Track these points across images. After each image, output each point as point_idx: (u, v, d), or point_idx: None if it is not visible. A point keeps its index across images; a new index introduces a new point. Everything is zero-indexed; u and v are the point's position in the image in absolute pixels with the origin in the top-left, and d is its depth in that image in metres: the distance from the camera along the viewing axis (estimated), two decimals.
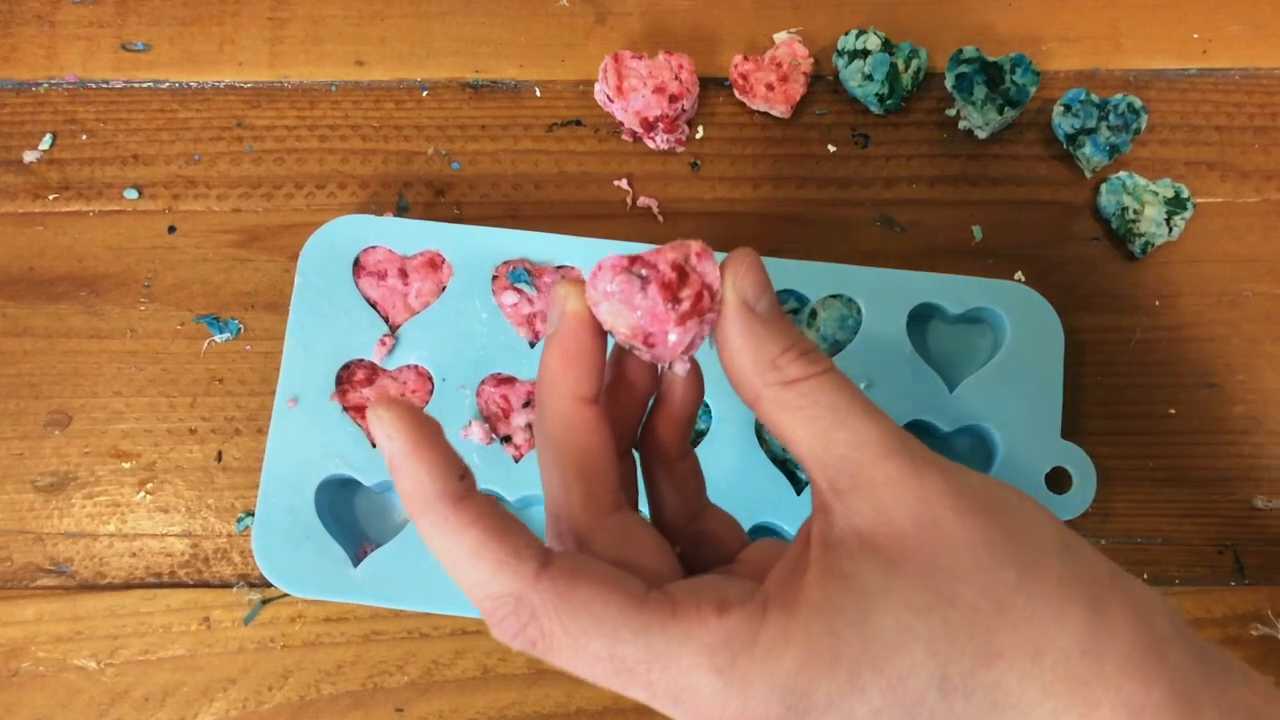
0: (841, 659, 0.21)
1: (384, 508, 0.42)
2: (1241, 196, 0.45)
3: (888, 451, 0.22)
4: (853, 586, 0.22)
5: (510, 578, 0.21)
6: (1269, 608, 0.41)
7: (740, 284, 0.24)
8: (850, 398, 0.23)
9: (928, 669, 0.21)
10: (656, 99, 0.43)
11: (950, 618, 0.21)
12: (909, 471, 0.22)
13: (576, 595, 0.21)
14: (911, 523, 0.22)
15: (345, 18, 0.47)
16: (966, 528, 0.22)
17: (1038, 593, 0.22)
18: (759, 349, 0.23)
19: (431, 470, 0.23)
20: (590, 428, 0.24)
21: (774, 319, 0.24)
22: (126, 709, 0.40)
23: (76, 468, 0.42)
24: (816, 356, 0.24)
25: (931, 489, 0.22)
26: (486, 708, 0.40)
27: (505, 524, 0.22)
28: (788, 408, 0.23)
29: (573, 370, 0.24)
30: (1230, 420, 0.43)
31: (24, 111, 0.46)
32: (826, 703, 0.21)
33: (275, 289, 0.44)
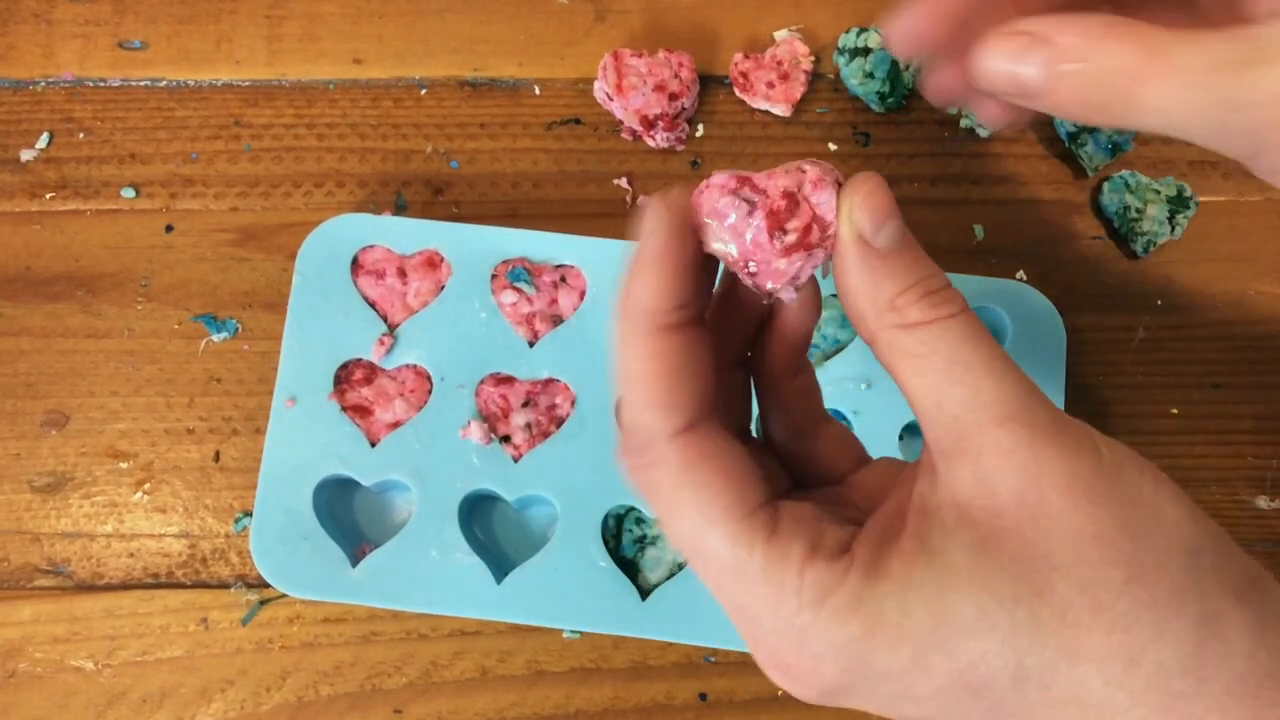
0: (907, 638, 0.20)
1: (382, 508, 0.41)
2: (1244, 195, 0.44)
3: (1003, 417, 0.20)
4: (936, 564, 0.20)
5: (652, 421, 0.22)
6: None
7: (856, 215, 0.21)
8: (974, 348, 0.21)
9: (1002, 658, 0.20)
10: (656, 97, 0.43)
11: (1038, 610, 0.20)
12: (1023, 442, 0.20)
13: (694, 474, 0.21)
14: (1015, 500, 0.20)
15: (343, 15, 0.47)
16: (1077, 514, 0.20)
17: (1144, 599, 0.20)
18: (875, 288, 0.21)
19: (658, 289, 0.22)
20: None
21: (895, 254, 0.21)
22: (124, 710, 0.40)
23: (74, 468, 0.42)
24: (943, 297, 0.21)
25: (1045, 465, 0.20)
26: (485, 709, 0.40)
27: (681, 370, 0.22)
28: (903, 354, 0.21)
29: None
30: (1233, 420, 0.42)
31: (21, 110, 0.45)
32: (885, 673, 0.21)
33: (273, 288, 0.44)
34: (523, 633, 0.41)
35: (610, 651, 0.41)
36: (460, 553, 0.39)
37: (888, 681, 0.21)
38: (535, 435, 0.40)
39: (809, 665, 0.21)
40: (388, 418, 0.41)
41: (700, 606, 0.38)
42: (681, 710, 0.40)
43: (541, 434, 0.40)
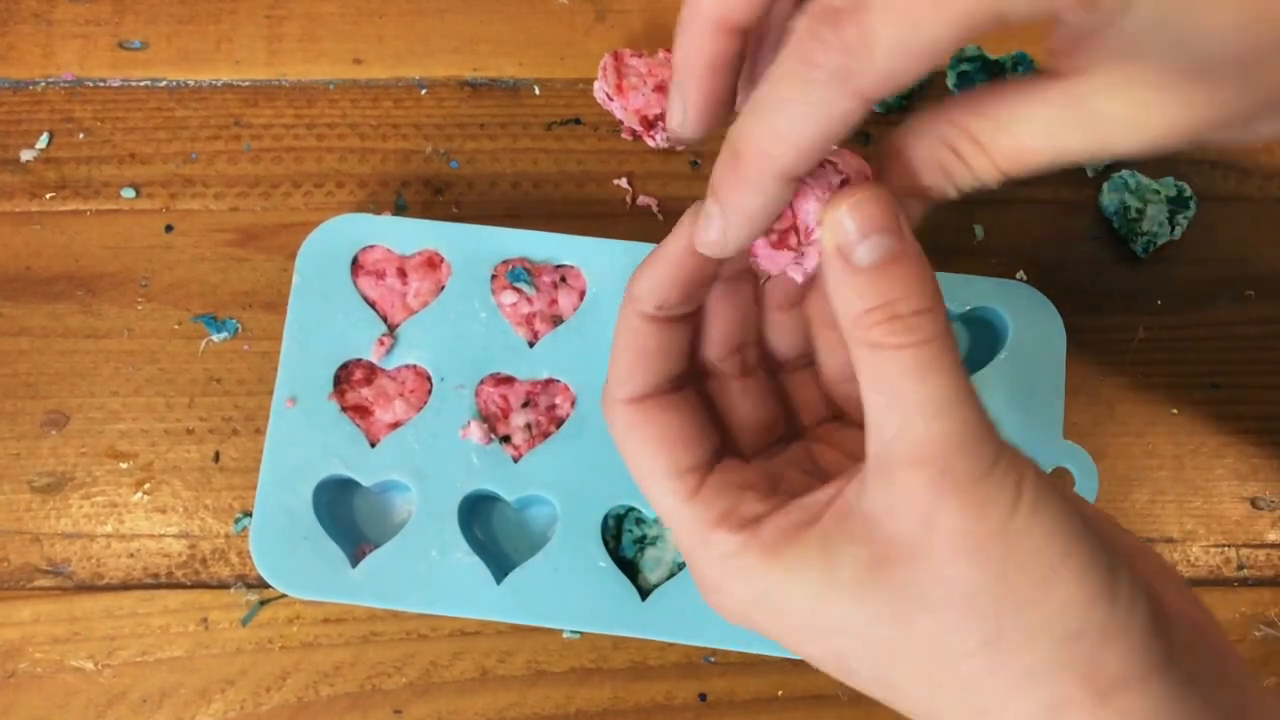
0: (784, 617, 0.23)
1: (383, 508, 0.41)
2: (1244, 195, 0.44)
3: (919, 459, 0.21)
4: (827, 567, 0.22)
5: (613, 385, 0.26)
6: (1272, 609, 0.41)
7: (837, 229, 0.22)
8: (918, 384, 0.21)
9: (865, 664, 0.23)
10: (656, 97, 0.43)
11: (899, 638, 0.22)
12: (929, 489, 0.21)
13: (635, 434, 0.25)
14: (909, 539, 0.21)
15: (343, 15, 0.47)
16: (956, 570, 0.21)
17: (993, 667, 0.21)
18: (845, 302, 0.22)
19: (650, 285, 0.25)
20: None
21: (873, 269, 0.21)
22: (124, 710, 0.40)
23: (74, 468, 0.42)
24: (906, 325, 0.21)
25: (942, 517, 0.21)
26: (485, 709, 0.40)
27: (645, 352, 0.25)
28: (862, 368, 0.22)
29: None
30: (1233, 420, 0.42)
31: (21, 110, 0.45)
32: (772, 632, 0.24)
33: (273, 288, 0.44)
34: (523, 633, 0.41)
35: (610, 651, 0.41)
36: (460, 553, 0.39)
37: (781, 637, 0.24)
38: (535, 435, 0.40)
39: (720, 601, 0.25)
40: (388, 418, 0.41)
41: (700, 606, 0.38)
42: (681, 710, 0.40)
43: (541, 434, 0.40)
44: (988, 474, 0.21)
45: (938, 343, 0.21)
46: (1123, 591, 0.21)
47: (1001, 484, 0.21)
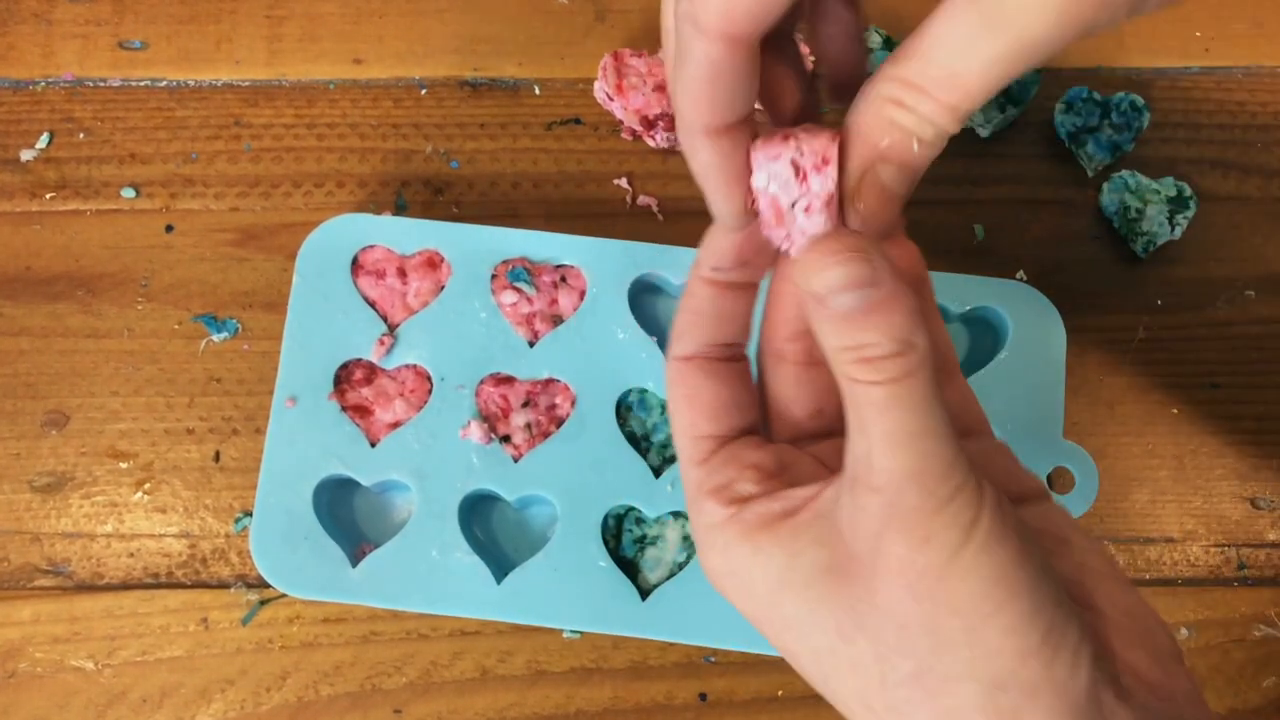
0: (748, 597, 0.24)
1: (382, 508, 0.41)
2: (1244, 195, 0.44)
3: (875, 487, 0.22)
4: (790, 563, 0.23)
5: (670, 342, 0.27)
6: (1271, 609, 0.41)
7: (813, 280, 0.22)
8: (880, 418, 0.21)
9: (810, 665, 0.24)
10: (656, 97, 0.43)
11: (838, 651, 0.23)
12: (878, 518, 0.22)
13: (674, 391, 0.26)
14: (861, 558, 0.22)
15: (343, 15, 0.47)
16: (893, 601, 0.22)
17: (920, 701, 0.22)
18: (823, 336, 0.22)
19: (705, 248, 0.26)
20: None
21: (849, 316, 0.22)
22: (124, 710, 0.40)
23: (74, 468, 0.42)
24: (878, 367, 0.21)
25: (887, 546, 0.21)
26: (485, 709, 0.40)
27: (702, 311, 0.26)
28: (843, 392, 0.22)
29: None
30: (1233, 420, 0.42)
31: (21, 110, 0.45)
32: (739, 604, 0.25)
33: (273, 288, 0.44)
34: (523, 633, 0.41)
35: (610, 651, 0.41)
36: (460, 553, 0.39)
37: (751, 618, 0.25)
38: (535, 435, 0.40)
39: (704, 561, 0.25)
40: (388, 418, 0.41)
41: (700, 606, 0.38)
42: (681, 710, 0.40)
43: (541, 434, 0.40)
44: (938, 510, 0.21)
45: (907, 381, 0.21)
46: (1066, 648, 0.21)
47: (952, 522, 0.21)
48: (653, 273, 0.41)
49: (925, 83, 0.22)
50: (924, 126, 0.23)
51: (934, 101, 0.22)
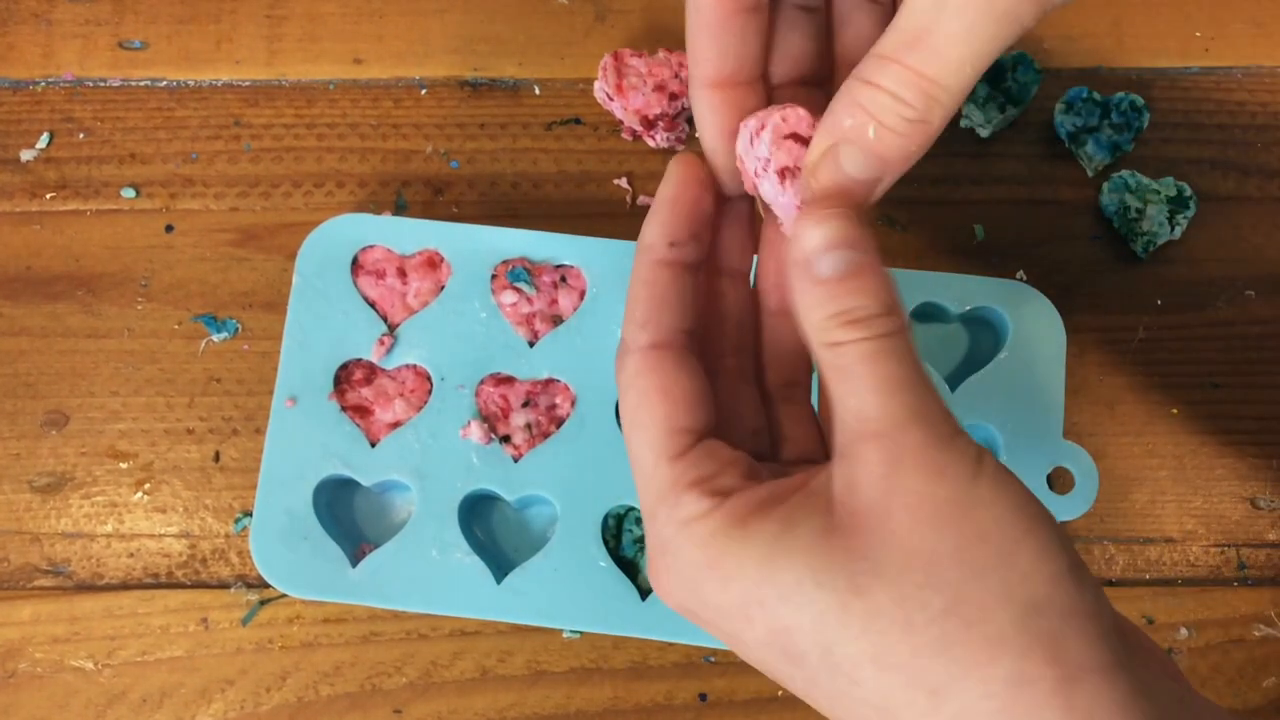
0: (734, 581, 0.23)
1: (383, 508, 0.41)
2: (1244, 195, 0.44)
3: (875, 433, 0.22)
4: (783, 532, 0.22)
5: (631, 333, 0.25)
6: (1271, 609, 0.41)
7: (804, 241, 0.23)
8: (873, 367, 0.22)
9: (811, 637, 0.22)
10: (656, 97, 0.43)
11: (850, 605, 0.21)
12: (886, 459, 0.22)
13: (643, 382, 0.25)
14: (867, 509, 0.22)
15: (343, 15, 0.47)
16: (915, 534, 0.21)
17: (956, 636, 0.21)
18: (809, 309, 0.23)
19: (656, 227, 0.26)
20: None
21: (835, 281, 0.22)
22: (124, 710, 0.40)
23: (74, 468, 0.42)
24: (864, 326, 0.22)
25: (900, 484, 0.21)
26: (485, 709, 0.40)
27: (663, 299, 0.25)
28: (824, 365, 0.23)
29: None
30: (1233, 420, 0.42)
31: (21, 110, 0.45)
32: (717, 607, 0.23)
33: (273, 288, 0.44)
34: (523, 633, 0.41)
35: (610, 651, 0.41)
36: (460, 553, 0.39)
37: (720, 617, 0.23)
38: (535, 435, 0.40)
39: (663, 572, 0.24)
40: (388, 418, 0.41)
41: None
42: (681, 710, 0.40)
43: (541, 434, 0.40)
44: (947, 444, 0.21)
45: (893, 338, 0.22)
46: (1088, 582, 0.21)
47: (962, 455, 0.22)
48: None
49: (892, 53, 0.22)
50: (886, 108, 0.23)
51: (905, 72, 0.22)
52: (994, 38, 0.22)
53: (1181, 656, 0.41)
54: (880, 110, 0.23)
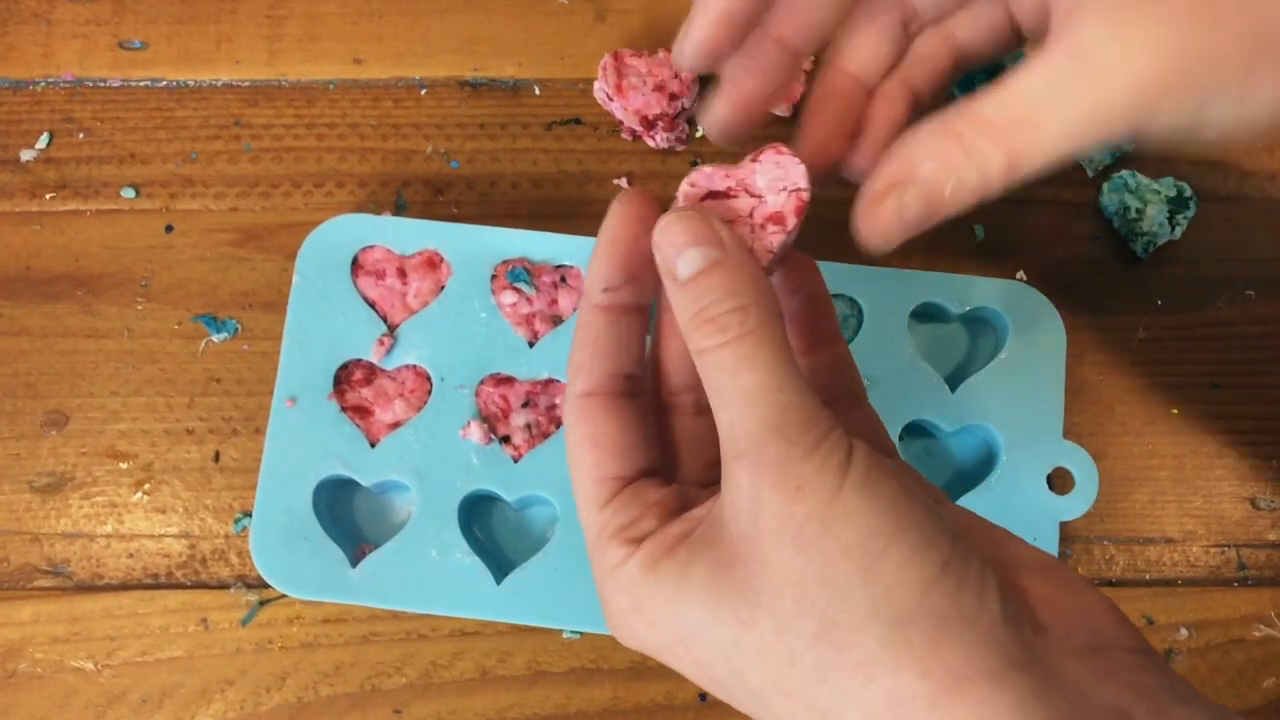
0: (657, 626, 0.23)
1: (382, 508, 0.41)
2: (1244, 195, 0.44)
3: (739, 452, 0.22)
4: (684, 573, 0.22)
5: (569, 378, 0.26)
6: (1271, 609, 0.41)
7: (660, 252, 0.24)
8: (732, 378, 0.22)
9: (726, 668, 0.22)
10: (656, 97, 0.43)
11: (742, 640, 0.22)
12: (748, 480, 0.21)
13: (575, 431, 0.25)
14: (742, 533, 0.22)
15: (343, 15, 0.47)
16: (782, 560, 0.21)
17: (831, 660, 0.20)
18: (678, 314, 0.23)
19: (593, 272, 0.26)
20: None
21: (694, 279, 0.23)
22: (124, 710, 0.40)
23: (74, 468, 0.42)
24: (721, 324, 0.22)
25: (763, 506, 0.21)
26: (485, 709, 0.40)
27: (596, 344, 0.25)
28: (701, 377, 0.23)
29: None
30: (1233, 420, 0.42)
31: (21, 110, 0.45)
32: (652, 646, 0.24)
33: (273, 288, 0.44)
34: (523, 633, 0.41)
35: (610, 651, 0.41)
36: (460, 553, 0.39)
37: (658, 654, 0.24)
38: (535, 435, 0.40)
39: (607, 616, 0.24)
40: (388, 418, 0.41)
41: None
42: (681, 710, 0.40)
43: (541, 434, 0.40)
44: (806, 457, 0.21)
45: (751, 337, 0.22)
46: (970, 579, 0.21)
47: (822, 466, 0.21)
48: None
49: (996, 121, 0.23)
50: (970, 169, 0.23)
51: (995, 142, 0.23)
52: (1083, 143, 0.23)
53: (1181, 657, 0.41)
54: (965, 173, 0.23)
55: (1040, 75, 0.23)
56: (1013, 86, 0.23)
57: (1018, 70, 0.23)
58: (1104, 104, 0.22)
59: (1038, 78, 0.23)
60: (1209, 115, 0.23)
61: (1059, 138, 0.22)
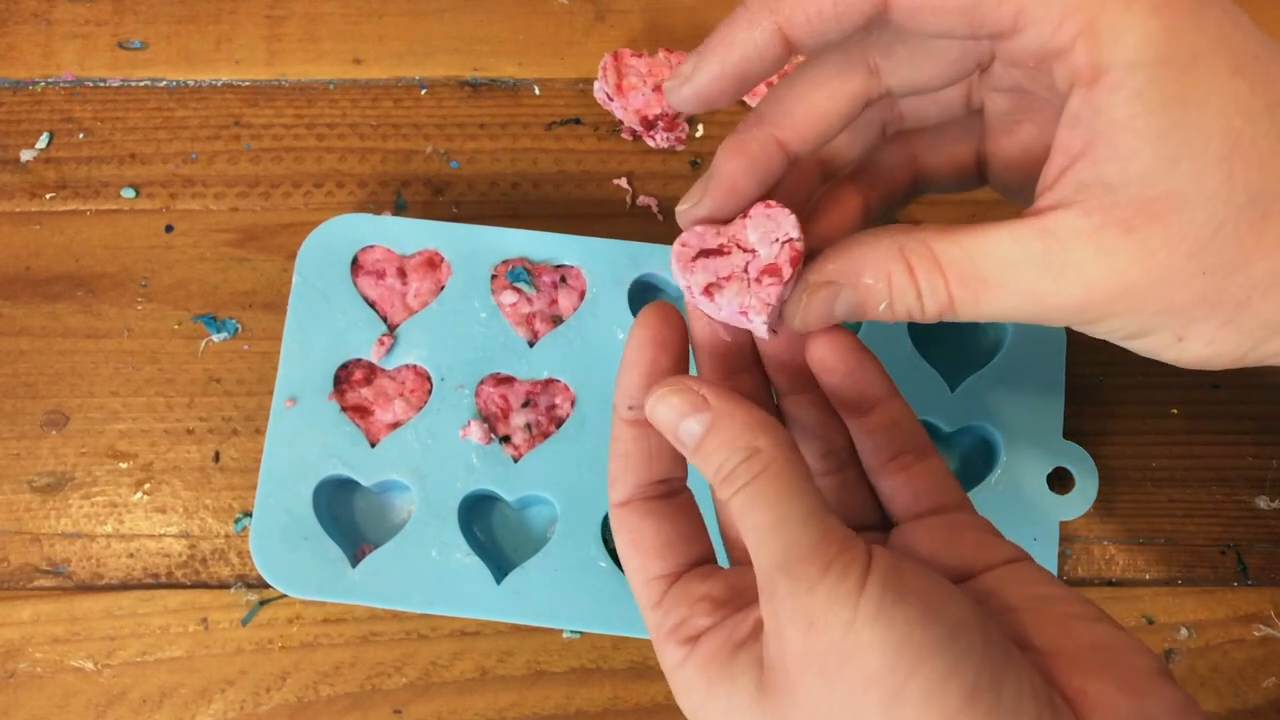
0: (703, 716, 0.24)
1: (382, 508, 0.41)
2: None
3: (760, 588, 0.22)
4: (733, 690, 0.23)
5: (610, 489, 0.27)
6: (1272, 608, 0.41)
7: (660, 426, 0.24)
8: (747, 521, 0.22)
9: None
10: (656, 97, 0.43)
11: None
12: (771, 614, 0.22)
13: (621, 537, 0.26)
14: (775, 664, 0.22)
15: (343, 15, 0.47)
16: (809, 692, 0.21)
17: None
18: (705, 475, 0.24)
19: (621, 388, 0.26)
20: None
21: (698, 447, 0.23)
22: (124, 710, 0.40)
23: (74, 468, 0.42)
24: (732, 478, 0.23)
25: (786, 642, 0.21)
26: (485, 709, 0.40)
27: (629, 455, 0.26)
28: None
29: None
30: (1233, 420, 0.42)
31: (21, 110, 0.45)
32: None
33: (273, 288, 0.44)
34: (523, 633, 0.41)
35: (610, 651, 0.41)
36: (460, 553, 0.39)
37: None
38: (535, 435, 0.40)
39: (681, 705, 0.25)
40: (388, 418, 0.41)
41: None
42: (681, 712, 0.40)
43: (541, 434, 0.40)
44: (812, 589, 0.21)
45: (758, 480, 0.22)
46: (1004, 703, 0.20)
47: (831, 598, 0.21)
48: (653, 273, 0.41)
49: (948, 264, 0.23)
50: (912, 302, 0.24)
51: (942, 285, 0.23)
52: (1022, 319, 0.23)
53: (1181, 656, 0.41)
54: (900, 299, 0.24)
55: (1009, 244, 0.23)
56: (978, 240, 0.23)
57: (988, 226, 0.23)
58: (1058, 298, 0.23)
59: (1006, 246, 0.23)
60: (1146, 344, 0.24)
61: (1003, 308, 0.23)
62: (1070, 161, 0.22)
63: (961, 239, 0.23)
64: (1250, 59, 0.21)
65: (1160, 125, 0.21)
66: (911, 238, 0.24)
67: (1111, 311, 0.23)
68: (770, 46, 0.23)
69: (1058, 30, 0.21)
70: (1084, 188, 0.22)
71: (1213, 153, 0.21)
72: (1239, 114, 0.21)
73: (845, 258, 0.24)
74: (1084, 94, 0.22)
